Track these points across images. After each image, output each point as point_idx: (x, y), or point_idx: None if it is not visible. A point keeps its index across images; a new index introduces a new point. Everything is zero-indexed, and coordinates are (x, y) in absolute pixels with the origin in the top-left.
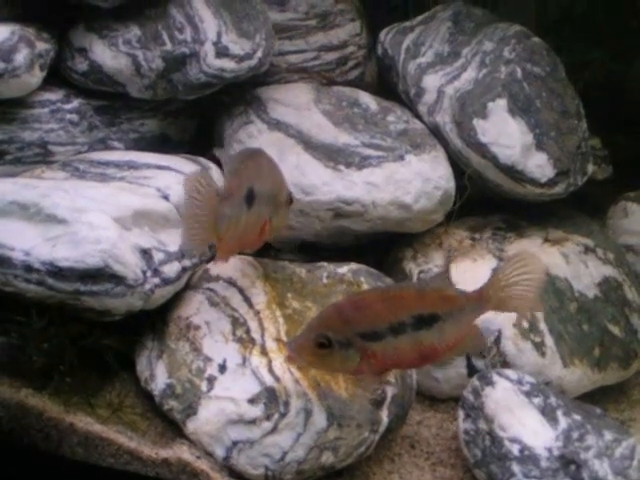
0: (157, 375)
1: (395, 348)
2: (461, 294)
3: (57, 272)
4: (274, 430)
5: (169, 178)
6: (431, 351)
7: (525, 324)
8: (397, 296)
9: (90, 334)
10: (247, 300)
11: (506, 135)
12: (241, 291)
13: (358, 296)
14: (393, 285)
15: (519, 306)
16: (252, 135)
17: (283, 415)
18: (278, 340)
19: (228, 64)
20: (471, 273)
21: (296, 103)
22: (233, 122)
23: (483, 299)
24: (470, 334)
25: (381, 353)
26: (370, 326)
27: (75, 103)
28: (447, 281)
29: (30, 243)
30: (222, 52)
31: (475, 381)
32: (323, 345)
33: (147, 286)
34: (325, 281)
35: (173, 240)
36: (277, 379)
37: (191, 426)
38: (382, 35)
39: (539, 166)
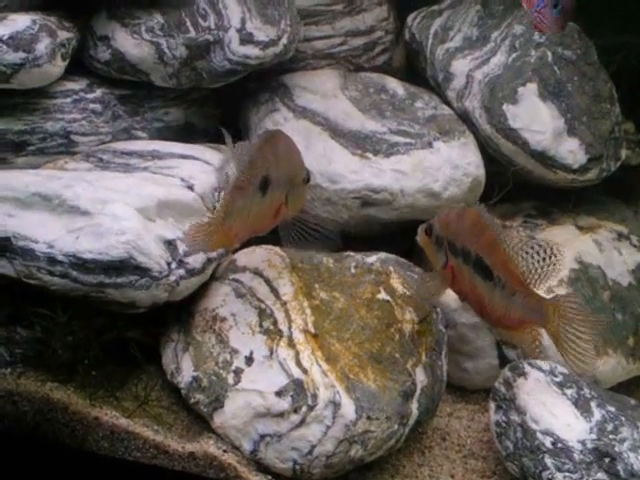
0: (183, 368)
1: (461, 273)
2: (523, 282)
3: (81, 264)
4: (302, 423)
5: (193, 168)
6: (481, 301)
7: None
8: (481, 227)
9: (115, 327)
10: (274, 291)
11: (537, 120)
12: (268, 282)
13: (466, 210)
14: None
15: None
16: (278, 123)
17: (311, 408)
18: (305, 332)
19: (252, 51)
20: None
21: (323, 90)
22: (259, 110)
23: (545, 308)
24: (528, 334)
25: (455, 269)
26: (452, 238)
27: (98, 92)
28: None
29: (53, 235)
30: (246, 39)
31: (507, 372)
32: (427, 232)
33: (172, 277)
34: (353, 271)
35: None
36: (305, 371)
37: (218, 419)
38: (410, 19)
39: (571, 152)
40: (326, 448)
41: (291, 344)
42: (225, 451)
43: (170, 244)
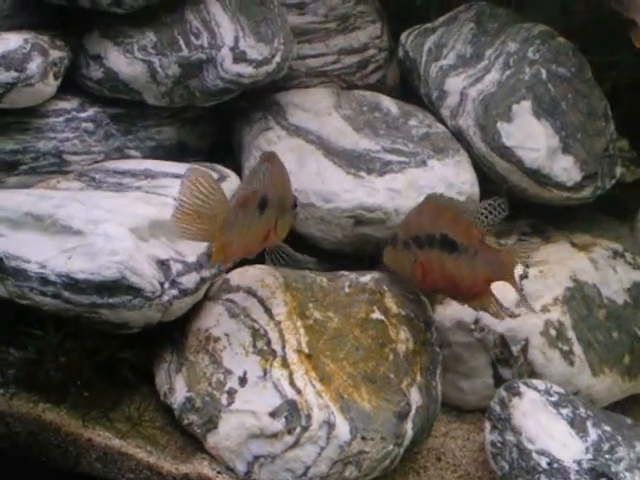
0: (176, 389)
1: (430, 261)
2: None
3: (73, 284)
4: (296, 444)
5: None
6: (452, 279)
7: (553, 332)
8: (440, 209)
9: (108, 348)
10: (267, 311)
11: (531, 138)
12: (261, 302)
13: (421, 204)
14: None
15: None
16: (271, 141)
17: (305, 429)
18: (299, 352)
19: (246, 69)
20: None
21: (316, 108)
22: (252, 128)
23: (501, 259)
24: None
25: (424, 261)
26: (416, 233)
27: (90, 111)
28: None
29: (45, 255)
30: (239, 57)
31: (502, 391)
32: (392, 245)
33: (165, 298)
34: (347, 290)
35: (191, 250)
36: (298, 392)
37: (211, 440)
38: (403, 37)
39: (565, 169)
40: (320, 469)
41: (285, 364)
42: (219, 472)
43: (163, 264)
